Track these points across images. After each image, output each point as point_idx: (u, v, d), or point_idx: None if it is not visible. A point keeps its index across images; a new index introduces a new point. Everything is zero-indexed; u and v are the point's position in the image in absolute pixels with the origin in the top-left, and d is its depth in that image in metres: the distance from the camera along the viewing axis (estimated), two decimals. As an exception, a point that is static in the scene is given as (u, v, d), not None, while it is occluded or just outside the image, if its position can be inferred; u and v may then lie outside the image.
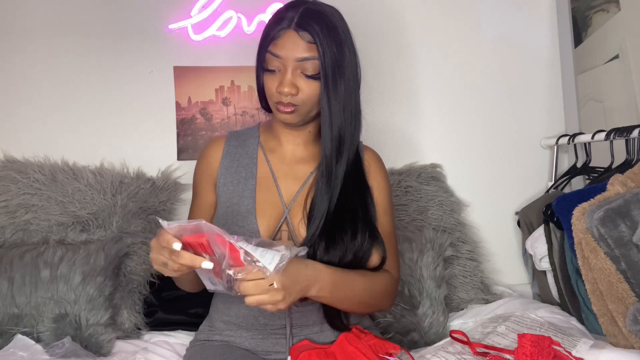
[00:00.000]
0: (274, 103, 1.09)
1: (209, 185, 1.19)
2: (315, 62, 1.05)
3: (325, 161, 1.10)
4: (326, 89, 1.05)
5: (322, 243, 1.07)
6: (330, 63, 1.04)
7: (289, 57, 1.05)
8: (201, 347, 1.17)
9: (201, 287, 1.08)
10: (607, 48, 1.64)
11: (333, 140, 1.09)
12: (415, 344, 1.42)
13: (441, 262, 1.56)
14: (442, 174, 1.85)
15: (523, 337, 1.00)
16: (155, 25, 1.77)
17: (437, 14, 1.90)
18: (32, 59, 1.73)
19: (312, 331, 1.13)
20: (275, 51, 1.05)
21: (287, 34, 1.05)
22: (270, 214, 1.12)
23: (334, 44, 1.05)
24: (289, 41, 1.05)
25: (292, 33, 1.04)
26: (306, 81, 1.06)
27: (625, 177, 1.24)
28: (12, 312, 1.35)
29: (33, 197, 1.58)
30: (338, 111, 1.08)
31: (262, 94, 1.15)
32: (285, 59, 1.05)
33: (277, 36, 1.05)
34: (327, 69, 1.04)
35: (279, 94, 1.06)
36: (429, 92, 1.89)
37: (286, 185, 1.16)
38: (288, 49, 1.04)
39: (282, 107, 1.07)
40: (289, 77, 1.05)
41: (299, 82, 1.06)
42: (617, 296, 1.14)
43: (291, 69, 1.05)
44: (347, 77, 1.08)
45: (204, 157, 1.22)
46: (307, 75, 1.05)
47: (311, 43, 1.04)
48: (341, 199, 1.10)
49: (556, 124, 1.92)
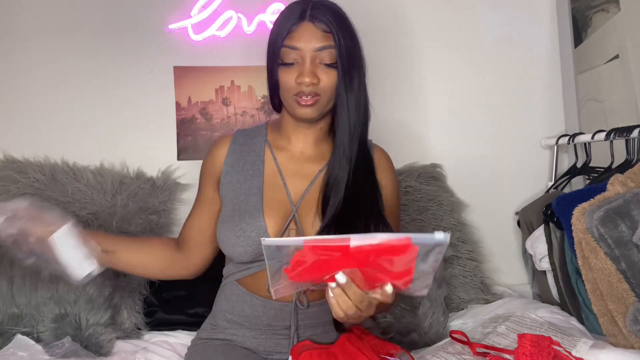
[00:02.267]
0: (292, 96, 1.08)
1: (211, 182, 1.20)
2: (332, 51, 1.06)
3: (343, 146, 1.11)
4: (343, 76, 1.07)
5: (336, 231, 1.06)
6: (346, 51, 1.07)
7: (307, 47, 1.06)
8: (203, 346, 1.17)
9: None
10: (607, 48, 1.64)
11: (350, 125, 1.10)
12: (416, 345, 1.42)
13: (441, 262, 1.55)
14: (442, 174, 1.85)
15: (523, 337, 1.00)
16: (155, 25, 1.77)
17: (438, 14, 1.90)
18: (32, 59, 1.73)
19: (315, 332, 1.13)
20: (292, 43, 1.06)
21: (302, 26, 1.06)
22: (278, 212, 1.12)
23: (347, 33, 1.08)
24: (306, 32, 1.06)
25: (308, 24, 1.06)
26: (325, 70, 1.07)
27: (625, 177, 1.24)
28: (12, 312, 1.34)
29: (33, 197, 1.57)
30: (353, 98, 1.09)
31: (273, 92, 1.15)
32: (303, 50, 1.06)
33: (293, 29, 1.06)
34: (343, 57, 1.06)
35: (299, 84, 1.06)
36: (429, 92, 1.89)
37: (294, 183, 1.15)
38: (305, 40, 1.06)
39: (304, 100, 1.07)
40: (308, 67, 1.06)
41: (318, 71, 1.07)
42: (617, 296, 1.14)
43: (310, 59, 1.06)
44: (359, 66, 1.11)
45: (208, 155, 1.23)
46: (325, 65, 1.07)
47: (327, 32, 1.06)
48: (354, 192, 1.10)
49: (556, 124, 1.92)
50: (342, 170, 1.11)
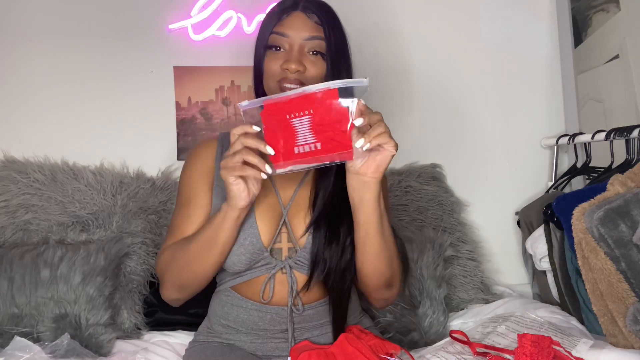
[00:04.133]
0: (276, 82, 1.07)
1: (206, 186, 1.15)
2: (321, 43, 1.07)
3: None
4: (332, 69, 1.07)
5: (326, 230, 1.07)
6: (335, 45, 1.07)
7: (297, 36, 1.06)
8: (201, 347, 1.16)
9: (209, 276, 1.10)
10: (607, 48, 1.64)
11: None
12: (415, 344, 1.42)
13: (441, 262, 1.56)
14: (442, 174, 1.85)
15: (523, 337, 1.00)
16: (155, 25, 1.77)
17: (437, 14, 1.90)
18: (32, 58, 1.73)
19: (312, 334, 1.12)
20: (282, 30, 1.07)
21: (294, 15, 1.08)
22: (269, 216, 1.11)
23: (337, 28, 1.09)
24: (297, 21, 1.07)
25: (300, 14, 1.08)
26: (312, 60, 1.07)
27: (625, 177, 1.24)
28: (12, 312, 1.34)
29: (33, 197, 1.58)
30: None
31: (258, 82, 1.14)
32: (292, 37, 1.07)
33: (283, 17, 1.07)
34: (332, 51, 1.07)
35: (284, 70, 1.06)
36: (429, 92, 1.89)
37: (282, 186, 1.15)
38: (296, 29, 1.06)
39: (287, 84, 1.06)
40: (295, 54, 1.06)
41: (305, 61, 1.07)
42: (617, 296, 1.14)
43: (298, 47, 1.07)
44: (347, 62, 1.11)
45: (197, 157, 1.19)
46: (313, 53, 1.07)
47: (318, 24, 1.07)
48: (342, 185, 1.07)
49: (556, 124, 1.91)
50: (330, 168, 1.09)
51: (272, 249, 1.10)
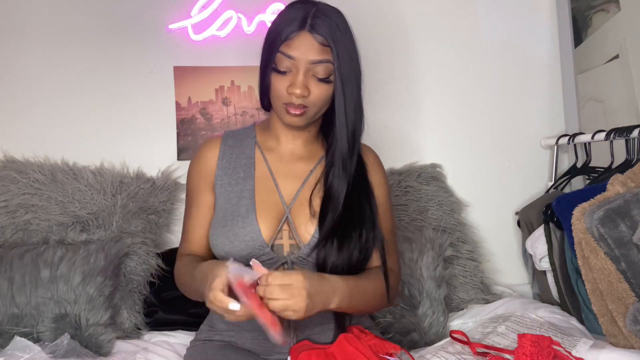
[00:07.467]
0: (282, 104, 1.08)
1: (207, 187, 1.18)
2: (328, 66, 1.05)
3: (342, 160, 1.11)
4: (342, 91, 1.07)
5: (334, 241, 1.07)
6: (343, 66, 1.06)
7: (303, 58, 1.05)
8: (202, 346, 1.16)
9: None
10: (607, 48, 1.64)
11: (349, 140, 1.11)
12: (415, 344, 1.42)
13: (441, 262, 1.56)
14: (442, 174, 1.85)
15: (523, 337, 1.00)
16: (155, 25, 1.77)
17: (437, 14, 1.90)
18: (32, 59, 1.73)
19: (313, 332, 1.12)
20: (288, 52, 1.05)
21: (301, 35, 1.04)
22: (271, 214, 1.12)
23: (346, 47, 1.07)
24: (303, 42, 1.04)
25: (307, 34, 1.04)
26: (317, 84, 1.06)
27: (625, 177, 1.24)
28: (12, 312, 1.35)
29: (33, 197, 1.58)
30: (352, 111, 1.09)
31: (264, 92, 1.14)
32: (298, 60, 1.05)
33: (291, 37, 1.05)
34: (341, 73, 1.06)
35: (290, 95, 1.06)
36: (429, 92, 1.89)
37: (286, 184, 1.15)
38: (302, 51, 1.04)
39: (292, 109, 1.07)
40: (301, 79, 1.05)
41: (310, 84, 1.06)
42: (617, 296, 1.14)
43: (303, 71, 1.05)
44: (356, 77, 1.10)
45: (200, 158, 1.20)
46: (318, 79, 1.06)
47: (325, 46, 1.04)
48: (350, 202, 1.11)
49: (556, 124, 1.92)
50: (341, 184, 1.11)
51: (273, 245, 1.11)
